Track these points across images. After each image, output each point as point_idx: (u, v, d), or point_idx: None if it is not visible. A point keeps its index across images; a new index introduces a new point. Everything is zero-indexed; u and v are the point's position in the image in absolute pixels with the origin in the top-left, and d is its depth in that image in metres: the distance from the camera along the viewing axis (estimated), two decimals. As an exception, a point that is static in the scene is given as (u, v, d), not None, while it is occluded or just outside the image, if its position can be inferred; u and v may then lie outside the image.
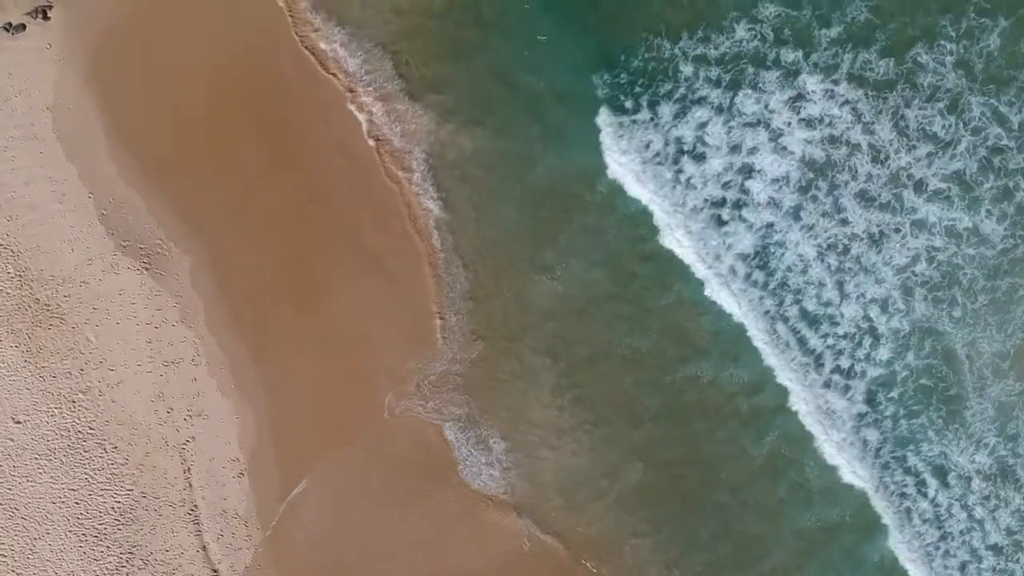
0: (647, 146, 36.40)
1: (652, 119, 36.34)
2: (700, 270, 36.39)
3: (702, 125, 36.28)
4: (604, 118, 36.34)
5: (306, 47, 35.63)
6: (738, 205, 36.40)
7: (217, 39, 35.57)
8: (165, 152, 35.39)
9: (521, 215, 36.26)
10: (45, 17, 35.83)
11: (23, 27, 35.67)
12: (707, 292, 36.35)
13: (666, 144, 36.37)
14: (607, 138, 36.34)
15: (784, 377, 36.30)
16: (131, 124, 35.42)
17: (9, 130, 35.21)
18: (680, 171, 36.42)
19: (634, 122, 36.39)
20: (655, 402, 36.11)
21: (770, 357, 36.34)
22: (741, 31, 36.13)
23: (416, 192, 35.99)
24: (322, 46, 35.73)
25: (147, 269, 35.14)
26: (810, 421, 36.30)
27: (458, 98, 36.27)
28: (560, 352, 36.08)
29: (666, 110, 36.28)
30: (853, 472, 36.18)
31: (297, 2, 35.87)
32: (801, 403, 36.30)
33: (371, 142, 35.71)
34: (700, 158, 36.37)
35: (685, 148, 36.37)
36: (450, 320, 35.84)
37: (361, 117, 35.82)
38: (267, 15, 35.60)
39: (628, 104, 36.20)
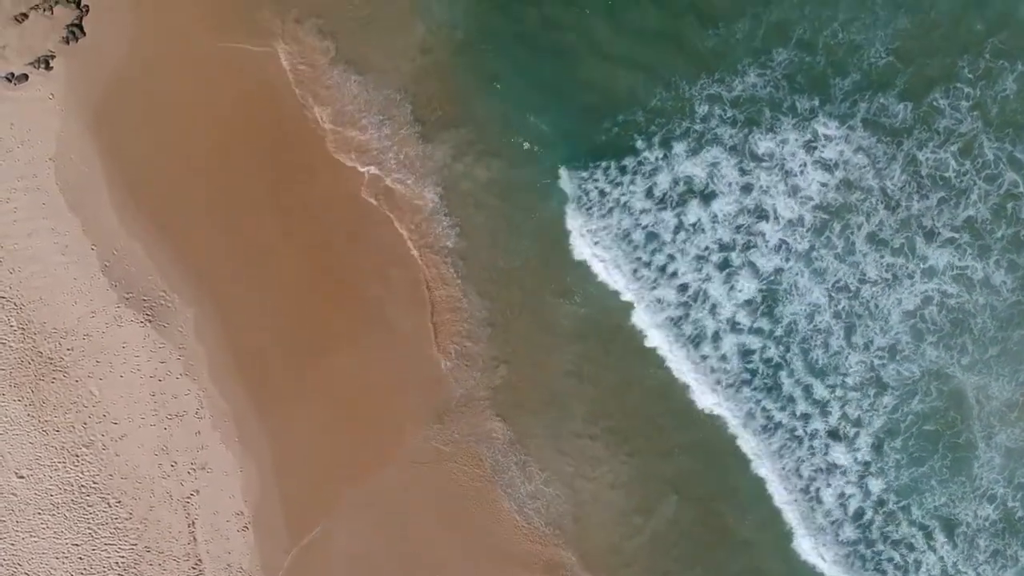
0: (646, 194, 36.29)
1: (664, 157, 36.15)
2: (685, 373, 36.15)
3: (714, 165, 36.14)
4: (566, 180, 36.39)
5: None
6: (747, 247, 36.17)
7: (222, 90, 35.42)
8: (168, 203, 35.24)
9: (537, 242, 36.15)
10: (47, 67, 35.60)
11: (25, 77, 35.46)
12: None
13: (675, 183, 36.10)
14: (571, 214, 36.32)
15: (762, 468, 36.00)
16: (134, 175, 35.29)
17: (11, 181, 35.09)
18: (684, 215, 36.20)
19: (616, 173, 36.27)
20: (684, 435, 35.76)
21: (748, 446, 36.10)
22: (752, 77, 36.08)
23: (429, 228, 35.85)
24: (325, 124, 35.86)
25: (150, 321, 34.95)
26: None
27: (475, 131, 36.28)
28: (588, 377, 35.66)
29: (679, 148, 36.16)
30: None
31: (315, 60, 36.00)
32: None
33: (374, 200, 35.68)
34: (711, 196, 36.16)
35: (696, 188, 36.14)
36: (468, 347, 35.53)
37: (368, 173, 35.87)
38: (273, 68, 35.54)
39: (639, 143, 36.06)
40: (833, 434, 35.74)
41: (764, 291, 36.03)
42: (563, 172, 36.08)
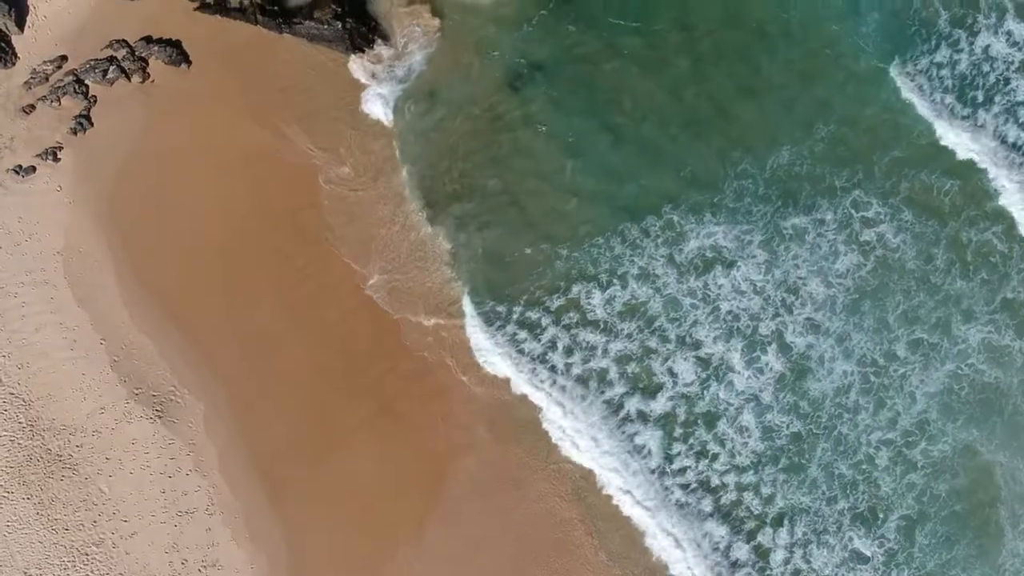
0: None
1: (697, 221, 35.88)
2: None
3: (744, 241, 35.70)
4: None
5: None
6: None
7: (233, 183, 35.15)
8: (178, 297, 34.80)
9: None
10: (55, 159, 35.29)
11: (33, 169, 35.16)
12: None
13: (699, 250, 35.71)
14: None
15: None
16: (143, 268, 34.90)
17: (20, 275, 34.72)
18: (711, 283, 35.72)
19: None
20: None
21: None
22: (785, 156, 35.92)
23: (440, 301, 35.66)
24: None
25: (160, 417, 34.37)
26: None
27: (481, 205, 36.23)
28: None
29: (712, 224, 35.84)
30: None
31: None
32: None
33: (383, 296, 35.44)
34: (731, 264, 35.71)
35: (727, 258, 35.79)
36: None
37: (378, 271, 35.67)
38: (289, 163, 35.39)
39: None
40: (859, 518, 34.72)
41: (792, 367, 35.26)
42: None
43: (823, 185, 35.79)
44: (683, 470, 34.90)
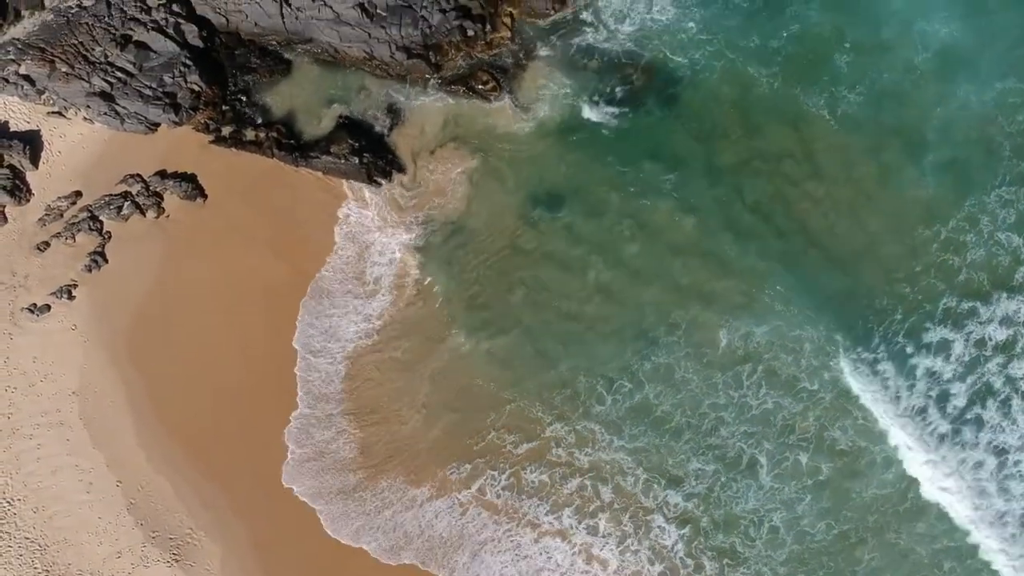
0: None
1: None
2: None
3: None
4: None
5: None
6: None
7: (250, 318, 34.70)
8: (195, 438, 34.21)
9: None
10: (70, 297, 34.82)
11: (48, 308, 34.71)
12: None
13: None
14: None
15: None
16: (160, 408, 34.38)
17: (35, 417, 34.20)
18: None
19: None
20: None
21: None
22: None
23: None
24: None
25: (177, 561, 33.69)
26: None
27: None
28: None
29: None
30: None
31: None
32: None
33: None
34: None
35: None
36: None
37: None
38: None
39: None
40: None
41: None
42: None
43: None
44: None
